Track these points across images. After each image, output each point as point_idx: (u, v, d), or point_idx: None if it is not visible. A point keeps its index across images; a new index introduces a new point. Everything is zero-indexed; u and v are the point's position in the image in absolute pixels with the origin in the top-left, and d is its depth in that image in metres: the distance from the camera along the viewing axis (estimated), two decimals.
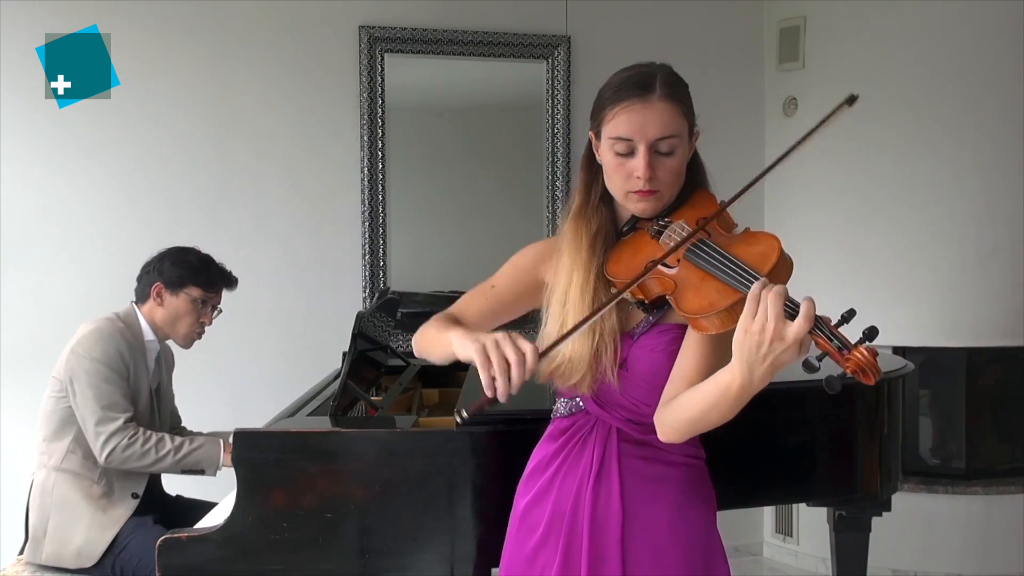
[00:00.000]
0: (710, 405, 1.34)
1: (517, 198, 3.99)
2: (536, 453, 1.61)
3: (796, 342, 1.21)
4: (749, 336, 1.24)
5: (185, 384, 2.87)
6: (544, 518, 1.54)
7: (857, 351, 1.19)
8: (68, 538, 2.41)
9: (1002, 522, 3.71)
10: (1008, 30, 3.62)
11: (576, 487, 1.52)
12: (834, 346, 1.20)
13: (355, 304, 3.63)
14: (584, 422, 1.55)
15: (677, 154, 1.44)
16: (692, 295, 1.36)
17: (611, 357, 1.47)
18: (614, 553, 1.48)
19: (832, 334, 1.21)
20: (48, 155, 3.45)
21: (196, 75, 3.57)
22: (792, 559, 4.04)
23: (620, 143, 1.43)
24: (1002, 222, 3.68)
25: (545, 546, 1.53)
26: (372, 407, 2.42)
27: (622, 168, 1.45)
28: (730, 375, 1.29)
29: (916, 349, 3.67)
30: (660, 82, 1.43)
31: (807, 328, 1.20)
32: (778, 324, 1.21)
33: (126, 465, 2.40)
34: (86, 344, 2.43)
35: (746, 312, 1.24)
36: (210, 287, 2.60)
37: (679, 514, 1.50)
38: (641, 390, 1.49)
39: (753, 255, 1.34)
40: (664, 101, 1.42)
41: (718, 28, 4.07)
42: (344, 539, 1.94)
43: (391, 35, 3.71)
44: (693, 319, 1.35)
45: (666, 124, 1.42)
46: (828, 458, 2.40)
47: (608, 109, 1.45)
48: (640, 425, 1.51)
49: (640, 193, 1.45)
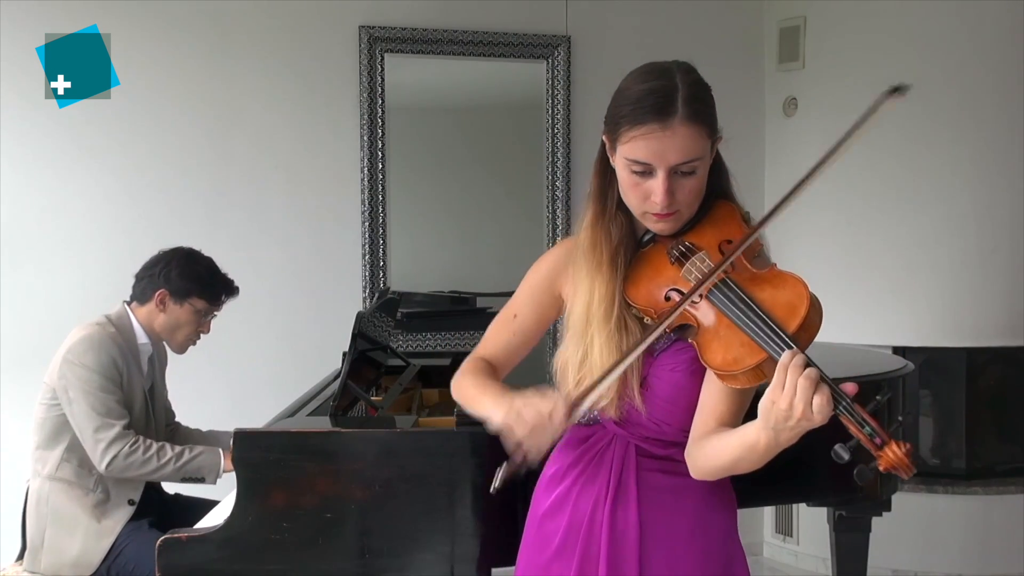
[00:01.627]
0: (737, 458, 1.33)
1: (517, 198, 3.99)
2: (554, 459, 1.58)
3: (824, 421, 1.19)
4: (777, 409, 1.21)
5: (185, 383, 2.87)
6: (561, 530, 1.52)
7: (890, 449, 1.16)
8: (65, 548, 2.40)
9: (1002, 522, 3.70)
10: (1008, 30, 3.63)
11: (593, 502, 1.49)
12: (865, 434, 1.17)
13: (355, 304, 3.63)
14: (602, 435, 1.52)
15: (698, 173, 1.37)
16: (717, 346, 1.30)
17: (636, 379, 1.43)
18: (632, 563, 1.46)
19: (864, 421, 1.18)
20: (48, 155, 3.45)
21: (196, 75, 3.57)
22: (792, 559, 4.04)
23: (637, 165, 1.35)
24: (1002, 222, 3.68)
25: (560, 558, 1.51)
26: (372, 407, 2.41)
27: (638, 188, 1.37)
28: (756, 435, 1.28)
29: (916, 349, 3.67)
30: (682, 101, 1.32)
31: (831, 413, 1.18)
32: (806, 409, 1.18)
33: (127, 473, 2.38)
34: (77, 351, 2.40)
35: (775, 383, 1.21)
36: (215, 300, 2.58)
37: (699, 522, 1.48)
38: (662, 411, 1.45)
39: (780, 305, 1.27)
40: (686, 125, 1.32)
41: (718, 28, 4.07)
42: (344, 539, 1.95)
43: (391, 35, 3.70)
44: (719, 375, 1.31)
45: (687, 149, 1.33)
46: (828, 458, 2.39)
47: (625, 128, 1.35)
48: (661, 442, 1.48)
49: (658, 215, 1.38)
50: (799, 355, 1.21)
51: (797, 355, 1.20)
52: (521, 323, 1.56)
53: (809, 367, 1.20)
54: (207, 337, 2.65)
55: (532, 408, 1.31)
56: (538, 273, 1.57)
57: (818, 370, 1.20)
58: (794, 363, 1.20)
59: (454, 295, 3.93)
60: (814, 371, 1.19)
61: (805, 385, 1.18)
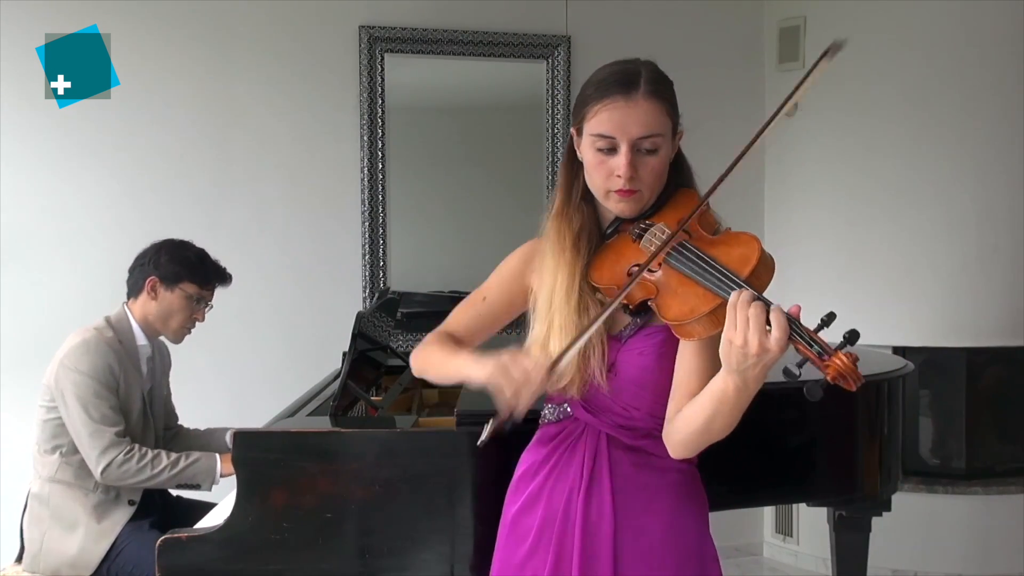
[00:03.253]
0: (711, 414, 1.33)
1: (517, 198, 3.99)
2: (524, 459, 1.60)
3: (781, 351, 1.21)
4: (734, 349, 1.23)
5: (185, 383, 2.87)
6: (534, 526, 1.53)
7: (836, 357, 1.18)
8: (64, 548, 2.39)
9: (1002, 522, 3.71)
10: (1008, 30, 3.63)
11: (567, 494, 1.51)
12: (814, 352, 1.20)
13: (355, 304, 3.63)
14: (573, 428, 1.54)
15: (660, 153, 1.43)
16: (673, 301, 1.35)
17: (599, 359, 1.46)
18: (606, 561, 1.47)
19: (812, 340, 1.20)
20: (48, 155, 3.45)
21: (196, 75, 3.57)
22: (792, 559, 4.04)
23: (602, 140, 1.42)
24: (1002, 222, 3.68)
25: (535, 554, 1.52)
26: (372, 407, 2.42)
27: (603, 166, 1.43)
28: (723, 382, 1.29)
29: (916, 349, 3.67)
30: (644, 79, 1.41)
31: (787, 338, 1.20)
32: (761, 339, 1.20)
33: (122, 481, 2.38)
34: (73, 356, 2.39)
35: (728, 323, 1.24)
36: (205, 284, 2.57)
37: (672, 523, 1.49)
38: (630, 394, 1.48)
39: (733, 257, 1.33)
40: (648, 99, 1.40)
41: (718, 28, 4.07)
42: (344, 539, 1.95)
43: (391, 35, 3.71)
44: (677, 326, 1.35)
45: (649, 123, 1.40)
46: (828, 458, 2.40)
47: (591, 106, 1.43)
48: (631, 431, 1.50)
49: (621, 193, 1.43)
50: (746, 291, 1.24)
51: (744, 291, 1.24)
52: (490, 306, 1.62)
53: (756, 300, 1.23)
54: (208, 336, 2.65)
55: (518, 363, 1.36)
56: (509, 263, 1.64)
57: (764, 301, 1.23)
58: (742, 299, 1.23)
59: (454, 295, 3.92)
60: (760, 304, 1.22)
61: (755, 314, 1.21)
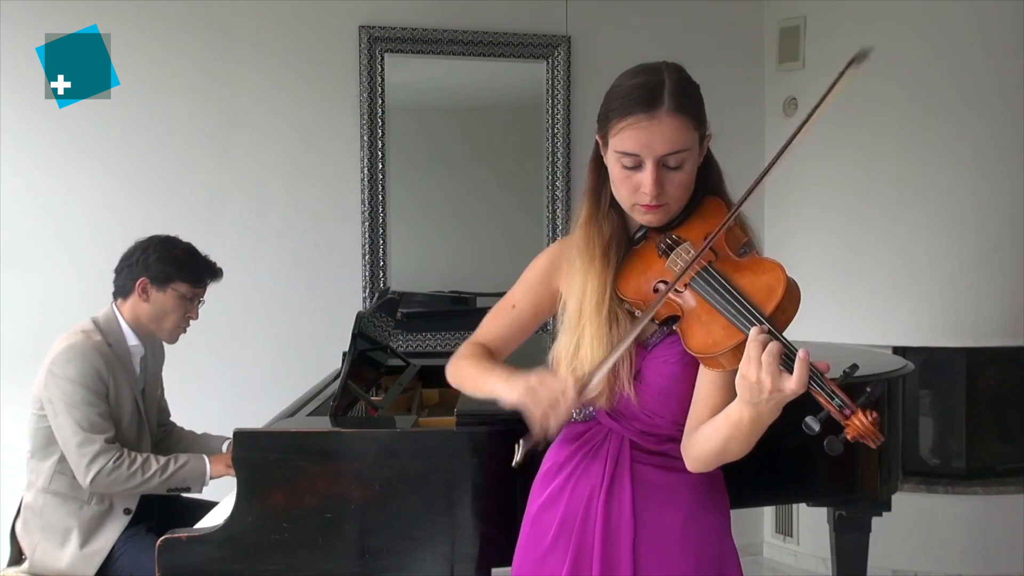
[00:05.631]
0: (726, 438, 1.35)
1: (517, 198, 3.99)
2: (550, 455, 1.61)
3: (795, 395, 1.22)
4: (748, 382, 1.24)
5: (185, 384, 2.87)
6: (555, 523, 1.54)
7: (857, 417, 1.18)
8: (55, 564, 2.37)
9: (1002, 522, 3.71)
10: (1008, 30, 3.63)
11: (587, 495, 1.52)
12: (835, 405, 1.19)
13: (355, 304, 3.63)
14: (598, 431, 1.55)
15: (686, 167, 1.41)
16: (699, 329, 1.35)
17: (628, 369, 1.47)
18: (626, 560, 1.47)
19: (834, 393, 1.20)
20: (48, 155, 3.45)
21: (196, 75, 3.57)
22: (792, 559, 4.04)
23: (627, 157, 1.40)
24: (1002, 222, 3.68)
25: (554, 551, 1.53)
26: (372, 407, 2.41)
27: (628, 181, 1.42)
28: (739, 411, 1.30)
29: (916, 349, 3.67)
30: (668, 93, 1.37)
31: (803, 388, 1.20)
32: (775, 380, 1.21)
33: (112, 489, 2.35)
34: (61, 362, 2.34)
35: (744, 357, 1.24)
36: (198, 283, 2.52)
37: (692, 521, 1.50)
38: (656, 403, 1.48)
39: (758, 289, 1.31)
40: (672, 115, 1.37)
41: (718, 28, 4.07)
42: (344, 539, 1.95)
43: (391, 35, 3.71)
44: (702, 358, 1.35)
45: (674, 140, 1.38)
46: (828, 458, 2.39)
47: (614, 121, 1.41)
48: (654, 436, 1.50)
49: (647, 207, 1.42)
50: (763, 332, 1.24)
51: (761, 332, 1.24)
52: (519, 313, 1.62)
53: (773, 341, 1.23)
54: (208, 336, 2.64)
55: (546, 386, 1.38)
56: (536, 268, 1.62)
57: (781, 344, 1.23)
58: (759, 339, 1.24)
59: (454, 295, 3.93)
60: (776, 345, 1.23)
61: (769, 360, 1.21)
